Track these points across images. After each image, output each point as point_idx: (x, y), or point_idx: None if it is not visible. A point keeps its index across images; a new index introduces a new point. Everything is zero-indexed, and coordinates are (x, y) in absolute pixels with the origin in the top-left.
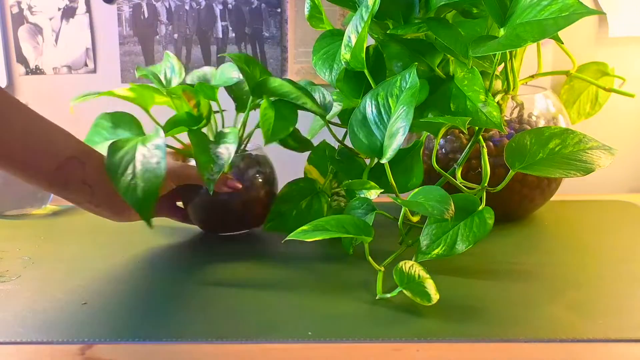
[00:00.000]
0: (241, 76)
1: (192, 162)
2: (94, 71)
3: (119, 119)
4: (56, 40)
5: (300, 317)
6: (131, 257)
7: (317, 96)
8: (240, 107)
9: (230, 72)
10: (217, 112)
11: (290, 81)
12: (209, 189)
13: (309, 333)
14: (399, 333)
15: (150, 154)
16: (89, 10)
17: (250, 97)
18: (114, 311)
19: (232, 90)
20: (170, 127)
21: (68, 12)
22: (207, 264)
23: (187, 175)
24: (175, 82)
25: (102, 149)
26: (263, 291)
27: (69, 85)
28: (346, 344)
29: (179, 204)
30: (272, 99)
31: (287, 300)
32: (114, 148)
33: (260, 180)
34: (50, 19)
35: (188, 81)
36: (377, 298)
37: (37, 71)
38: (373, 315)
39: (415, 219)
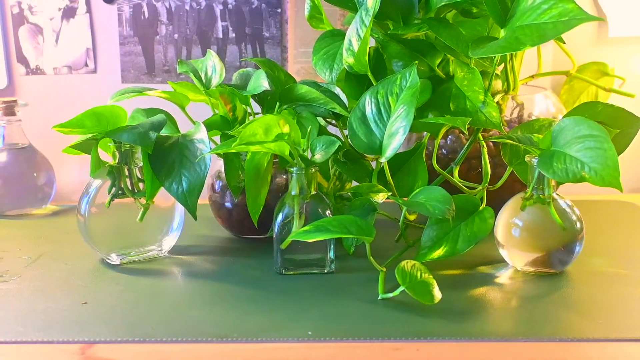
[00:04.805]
0: (269, 87)
1: None
2: (95, 71)
3: (153, 115)
4: (56, 41)
5: (300, 317)
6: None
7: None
8: (265, 109)
9: (261, 80)
10: (251, 114)
11: (315, 86)
12: (234, 195)
13: (309, 333)
14: (399, 333)
15: (195, 148)
16: (89, 10)
17: (277, 103)
18: (114, 311)
19: (257, 94)
20: None
21: (68, 12)
22: (207, 263)
23: None
24: (215, 82)
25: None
26: (263, 291)
27: (69, 86)
28: (346, 343)
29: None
30: (294, 106)
31: (287, 300)
32: (157, 143)
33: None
34: (51, 19)
35: (234, 81)
36: (379, 298)
37: (38, 71)
38: (373, 315)
39: (412, 217)
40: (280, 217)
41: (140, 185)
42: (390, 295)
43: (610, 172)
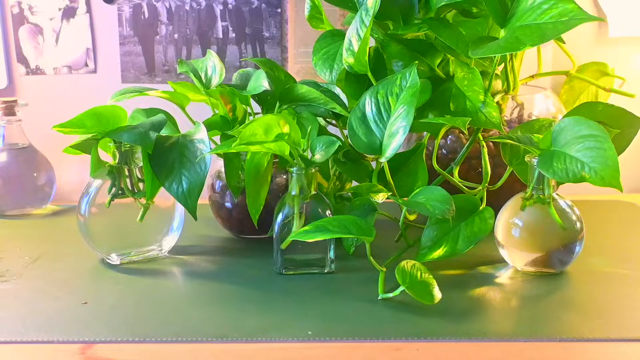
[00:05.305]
0: (269, 87)
1: None
2: (95, 71)
3: (153, 115)
4: (56, 41)
5: (300, 317)
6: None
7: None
8: (265, 109)
9: (261, 80)
10: (251, 114)
11: (315, 86)
12: (234, 195)
13: (309, 333)
14: (399, 333)
15: (195, 148)
16: (89, 10)
17: (277, 103)
18: (114, 311)
19: (257, 94)
20: None
21: (68, 12)
22: (207, 263)
23: None
24: (215, 82)
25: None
26: (263, 291)
27: (69, 86)
28: (346, 343)
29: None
30: (294, 106)
31: (287, 300)
32: (157, 143)
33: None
34: (51, 19)
35: (234, 81)
36: (379, 298)
37: (38, 71)
38: (373, 315)
39: (412, 217)
40: (280, 217)
41: (140, 185)
42: (390, 295)
43: (610, 172)
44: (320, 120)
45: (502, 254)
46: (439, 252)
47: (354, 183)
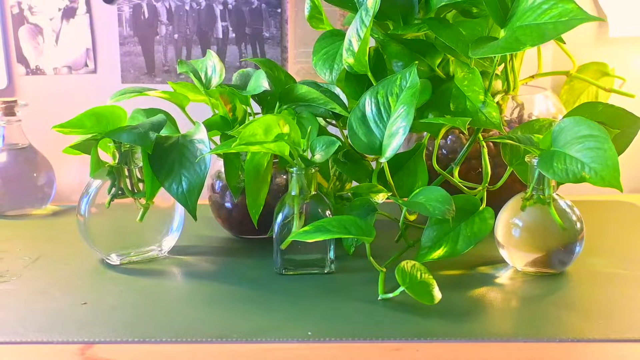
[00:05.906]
0: (268, 87)
1: None
2: (94, 71)
3: (153, 115)
4: (56, 41)
5: (300, 317)
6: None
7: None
8: (265, 109)
9: (260, 80)
10: (251, 114)
11: (315, 86)
12: (234, 195)
13: (309, 333)
14: (399, 333)
15: (194, 148)
16: (89, 10)
17: (277, 104)
18: (114, 311)
19: (257, 94)
20: None
21: (68, 13)
22: (207, 263)
23: None
24: (215, 82)
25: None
26: (263, 291)
27: (69, 86)
28: (346, 344)
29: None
30: (294, 107)
31: (287, 300)
32: (157, 143)
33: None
34: (51, 19)
35: (234, 81)
36: (379, 298)
37: (38, 71)
38: (373, 315)
39: (412, 217)
40: (280, 218)
41: (140, 185)
42: (390, 295)
43: (610, 172)
44: (320, 120)
45: (502, 254)
46: (439, 253)
47: (354, 183)
